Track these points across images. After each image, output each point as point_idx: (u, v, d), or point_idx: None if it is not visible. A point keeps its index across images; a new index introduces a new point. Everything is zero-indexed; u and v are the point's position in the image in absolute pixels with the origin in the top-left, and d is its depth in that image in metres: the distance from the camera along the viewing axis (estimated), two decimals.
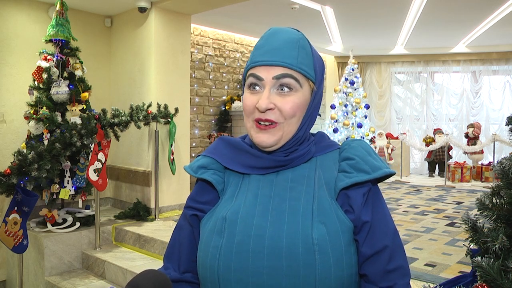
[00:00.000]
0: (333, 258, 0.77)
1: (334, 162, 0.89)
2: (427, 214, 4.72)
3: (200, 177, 0.90)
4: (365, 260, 0.81)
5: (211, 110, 6.60)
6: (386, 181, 7.43)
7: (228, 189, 0.89)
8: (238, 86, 6.99)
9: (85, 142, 3.58)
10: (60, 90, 3.74)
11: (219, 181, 0.90)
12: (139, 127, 4.01)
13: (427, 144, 7.71)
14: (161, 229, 3.98)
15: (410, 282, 0.84)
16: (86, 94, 3.91)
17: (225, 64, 6.80)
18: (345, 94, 7.73)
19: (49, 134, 3.66)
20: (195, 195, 0.92)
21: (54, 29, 3.78)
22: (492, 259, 1.21)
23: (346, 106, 7.70)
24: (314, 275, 0.75)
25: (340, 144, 0.94)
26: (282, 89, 0.82)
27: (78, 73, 3.91)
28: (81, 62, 3.98)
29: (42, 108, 3.73)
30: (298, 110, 0.83)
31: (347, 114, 7.67)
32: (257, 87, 0.84)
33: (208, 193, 0.91)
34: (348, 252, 0.80)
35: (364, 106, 7.74)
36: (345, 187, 0.83)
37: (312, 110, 0.88)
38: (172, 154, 4.40)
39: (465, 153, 7.72)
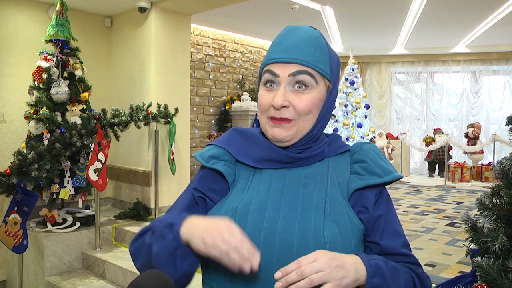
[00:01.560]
0: None
1: (346, 163, 0.90)
2: (427, 214, 4.72)
3: (212, 167, 0.89)
4: (383, 254, 0.83)
5: (211, 110, 6.60)
6: None
7: (239, 181, 0.88)
8: (238, 86, 6.98)
9: (85, 142, 3.58)
10: (60, 90, 3.74)
11: (230, 172, 0.89)
12: (139, 127, 4.01)
13: (427, 144, 7.71)
14: None
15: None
16: (86, 94, 3.91)
17: (225, 64, 6.80)
18: (345, 94, 7.73)
19: (49, 134, 3.65)
20: (205, 180, 0.90)
21: (54, 29, 3.78)
22: (492, 259, 1.21)
23: (346, 106, 7.70)
24: None
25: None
26: (298, 87, 0.83)
27: (78, 73, 3.91)
28: (81, 62, 3.98)
29: (42, 108, 3.72)
30: (313, 108, 0.84)
31: (347, 114, 7.67)
32: (273, 84, 0.84)
33: (218, 183, 0.90)
34: (357, 252, 0.80)
35: (364, 106, 7.74)
36: (358, 188, 0.84)
37: (327, 108, 0.88)
38: (172, 154, 4.40)
39: (465, 153, 7.72)
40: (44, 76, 3.82)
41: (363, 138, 7.50)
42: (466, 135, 7.77)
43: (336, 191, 0.84)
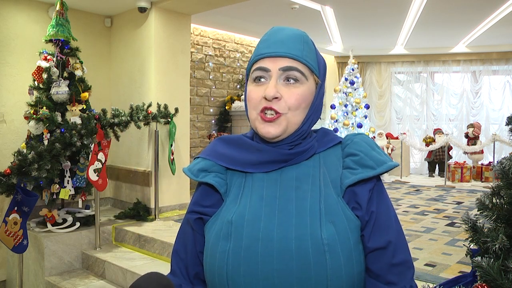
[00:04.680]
0: (343, 257, 0.76)
1: (337, 158, 0.88)
2: (427, 214, 4.72)
3: (202, 181, 0.88)
4: (369, 253, 0.81)
5: (211, 110, 6.60)
6: (386, 181, 7.43)
7: (232, 190, 0.87)
8: (238, 86, 6.98)
9: (85, 142, 3.58)
10: (60, 90, 3.74)
11: (221, 183, 0.87)
12: (139, 127, 4.01)
13: (427, 144, 7.71)
14: (161, 229, 3.98)
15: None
16: (86, 94, 3.91)
17: (225, 64, 6.80)
18: (345, 94, 7.73)
19: (49, 134, 3.66)
20: (198, 199, 0.90)
21: (54, 29, 3.79)
22: (492, 259, 1.21)
23: (346, 106, 7.70)
24: (326, 275, 0.74)
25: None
26: (288, 81, 0.82)
27: (78, 73, 3.91)
28: (81, 62, 3.98)
29: (42, 108, 3.73)
30: (303, 102, 0.83)
31: (347, 114, 7.67)
32: (262, 79, 0.83)
33: (211, 196, 0.88)
34: (357, 249, 0.79)
35: (364, 106, 7.73)
36: (351, 184, 0.82)
37: (317, 104, 0.87)
38: (172, 154, 4.40)
39: (465, 153, 7.72)
40: (44, 76, 3.82)
41: None
42: (466, 135, 7.76)
43: (330, 189, 0.83)
